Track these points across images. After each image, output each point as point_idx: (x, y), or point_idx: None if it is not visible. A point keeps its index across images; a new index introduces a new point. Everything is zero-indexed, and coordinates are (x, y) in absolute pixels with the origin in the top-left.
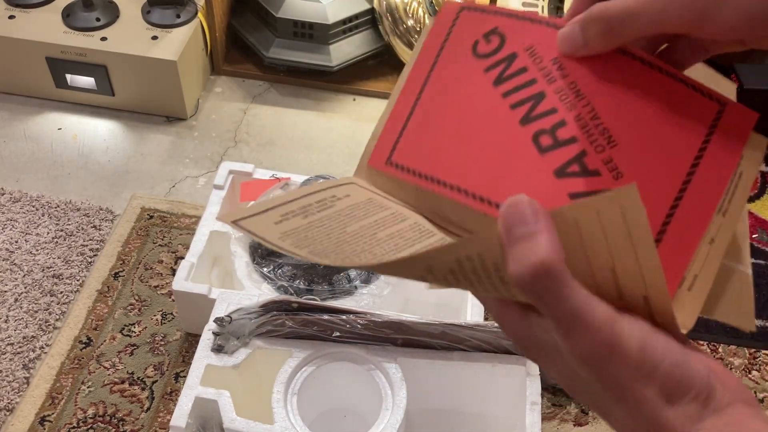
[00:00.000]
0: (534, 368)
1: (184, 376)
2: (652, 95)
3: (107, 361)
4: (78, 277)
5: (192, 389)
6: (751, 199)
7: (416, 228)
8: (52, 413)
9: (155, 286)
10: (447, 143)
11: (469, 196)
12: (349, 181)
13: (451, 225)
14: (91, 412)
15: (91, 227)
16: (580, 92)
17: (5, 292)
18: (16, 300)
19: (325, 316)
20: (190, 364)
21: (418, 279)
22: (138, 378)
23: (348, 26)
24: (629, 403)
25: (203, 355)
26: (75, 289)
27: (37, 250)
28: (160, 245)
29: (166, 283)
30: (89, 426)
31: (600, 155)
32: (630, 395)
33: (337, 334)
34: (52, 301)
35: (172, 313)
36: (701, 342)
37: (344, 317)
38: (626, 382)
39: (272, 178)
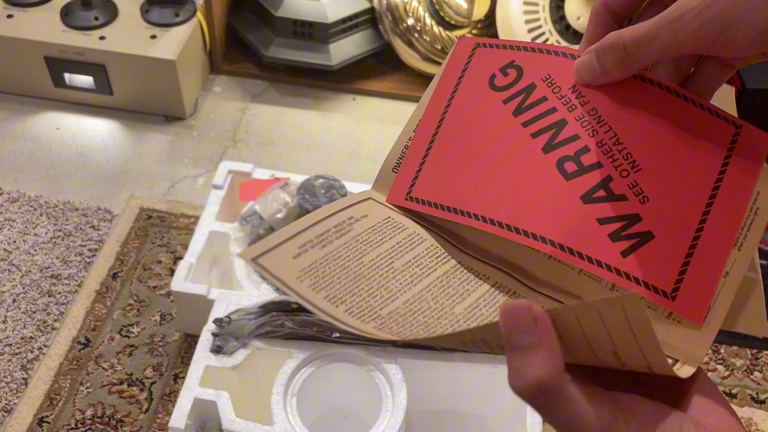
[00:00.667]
0: None
1: (183, 377)
2: (671, 119)
3: (106, 362)
4: (76, 278)
5: (191, 390)
6: None
7: (432, 252)
8: (51, 414)
9: (154, 287)
10: (469, 175)
11: (497, 225)
12: (367, 196)
13: (468, 245)
14: (89, 413)
15: (90, 227)
16: (601, 118)
17: (3, 292)
18: (14, 300)
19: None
20: (189, 365)
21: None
22: (137, 379)
23: (348, 25)
24: None
25: (202, 356)
26: (73, 290)
27: (36, 251)
28: (158, 245)
29: (165, 284)
30: (88, 427)
31: (625, 180)
32: None
33: (337, 334)
34: (50, 302)
35: (171, 314)
36: None
37: None
38: None
39: (272, 177)
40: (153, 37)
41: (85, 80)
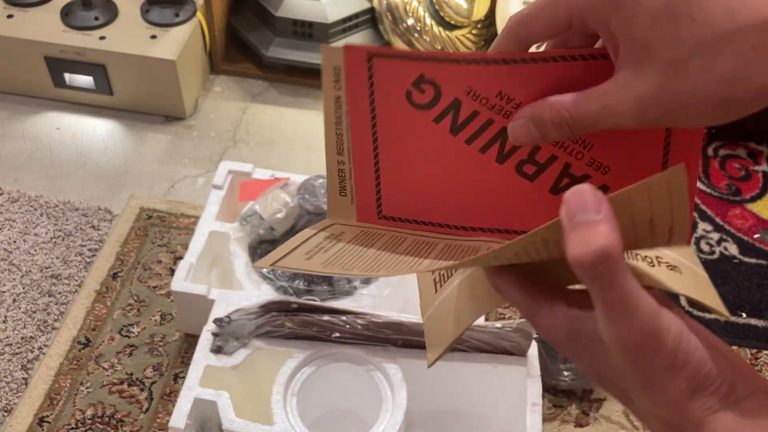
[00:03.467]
0: (535, 369)
1: (183, 377)
2: None
3: (106, 361)
4: (76, 278)
5: (191, 390)
6: (753, 199)
7: (421, 241)
8: (51, 414)
9: (154, 287)
10: (436, 193)
11: (486, 231)
12: (330, 222)
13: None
14: (89, 413)
15: (90, 227)
16: None
17: (3, 292)
18: (14, 300)
19: (325, 317)
20: (189, 364)
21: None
22: (137, 379)
23: (348, 25)
24: (656, 390)
25: (202, 356)
26: (73, 290)
27: (36, 251)
28: (159, 245)
29: (165, 284)
30: (88, 427)
31: (582, 161)
32: (659, 383)
33: (337, 334)
34: (50, 302)
35: (171, 314)
36: None
37: (344, 318)
38: (658, 371)
39: (272, 177)
40: (153, 37)
41: (85, 80)
